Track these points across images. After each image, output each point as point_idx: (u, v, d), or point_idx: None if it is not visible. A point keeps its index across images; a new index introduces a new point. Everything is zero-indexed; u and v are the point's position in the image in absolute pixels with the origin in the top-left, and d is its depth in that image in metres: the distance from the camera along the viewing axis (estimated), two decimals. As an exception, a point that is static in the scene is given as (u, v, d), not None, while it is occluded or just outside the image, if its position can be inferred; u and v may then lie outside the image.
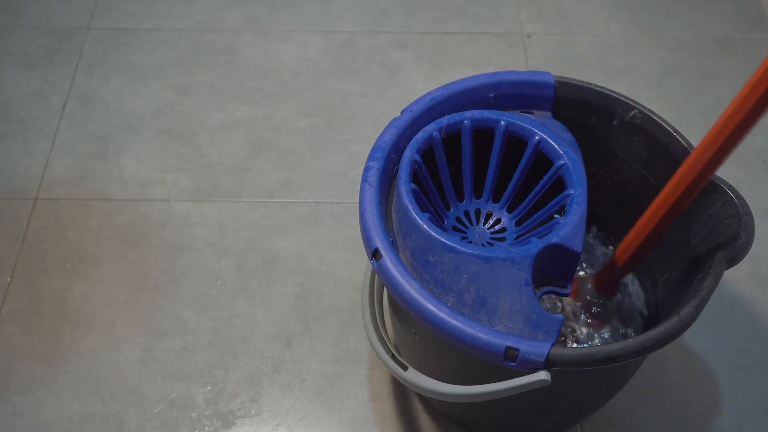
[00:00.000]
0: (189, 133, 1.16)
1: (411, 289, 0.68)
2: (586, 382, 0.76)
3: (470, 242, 0.78)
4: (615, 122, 0.82)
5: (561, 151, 0.77)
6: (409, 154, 0.76)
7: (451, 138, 0.80)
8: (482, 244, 0.79)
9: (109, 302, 0.99)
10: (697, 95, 1.21)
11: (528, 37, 1.29)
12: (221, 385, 0.92)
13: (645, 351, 0.65)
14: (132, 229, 1.05)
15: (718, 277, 0.68)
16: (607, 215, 0.90)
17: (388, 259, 0.70)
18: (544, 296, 0.82)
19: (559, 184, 0.77)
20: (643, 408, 0.91)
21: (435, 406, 0.90)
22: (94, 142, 1.15)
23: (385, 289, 0.82)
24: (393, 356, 0.76)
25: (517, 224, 0.81)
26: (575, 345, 0.85)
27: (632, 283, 0.88)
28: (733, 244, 0.70)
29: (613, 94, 0.81)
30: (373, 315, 0.80)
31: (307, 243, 1.04)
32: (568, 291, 0.74)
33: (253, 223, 1.06)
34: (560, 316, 0.68)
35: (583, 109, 0.82)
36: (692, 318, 0.67)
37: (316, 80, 1.23)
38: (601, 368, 0.66)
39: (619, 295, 0.86)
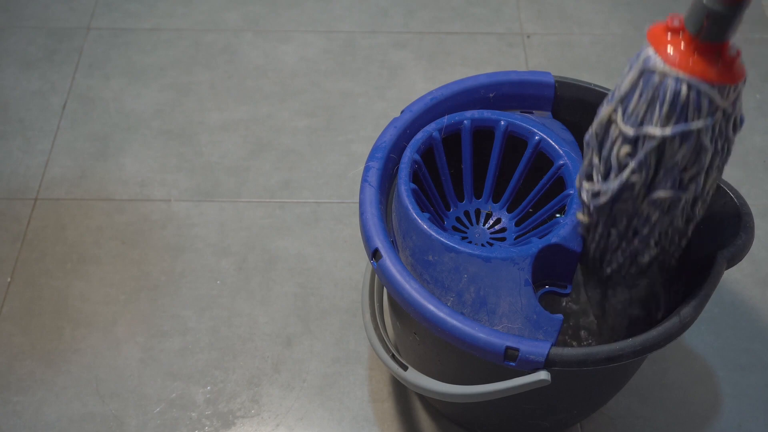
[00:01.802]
0: (189, 133, 1.16)
1: (411, 289, 0.68)
2: (586, 382, 0.76)
3: (470, 242, 0.78)
4: (615, 122, 0.81)
5: (561, 151, 0.77)
6: (409, 154, 0.76)
7: (451, 138, 0.80)
8: (482, 244, 0.79)
9: (109, 302, 0.99)
10: (697, 95, 1.21)
11: (528, 37, 1.29)
12: (221, 385, 0.92)
13: (645, 351, 0.65)
14: (132, 229, 1.05)
15: (718, 277, 0.68)
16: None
17: (388, 259, 0.70)
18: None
19: (559, 184, 0.77)
20: (643, 408, 0.91)
21: (435, 406, 0.90)
22: (94, 142, 1.15)
23: (385, 289, 0.82)
24: (393, 356, 0.76)
25: (517, 224, 0.81)
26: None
27: None
28: (733, 244, 0.70)
29: (613, 94, 0.81)
30: (373, 315, 0.80)
31: (307, 243, 1.04)
32: (568, 291, 0.74)
33: (253, 223, 1.06)
34: (560, 315, 0.68)
35: (583, 109, 0.82)
36: (692, 318, 0.67)
37: (316, 80, 1.23)
38: (601, 368, 0.66)
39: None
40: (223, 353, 0.95)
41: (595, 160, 0.66)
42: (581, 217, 0.70)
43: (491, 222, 0.82)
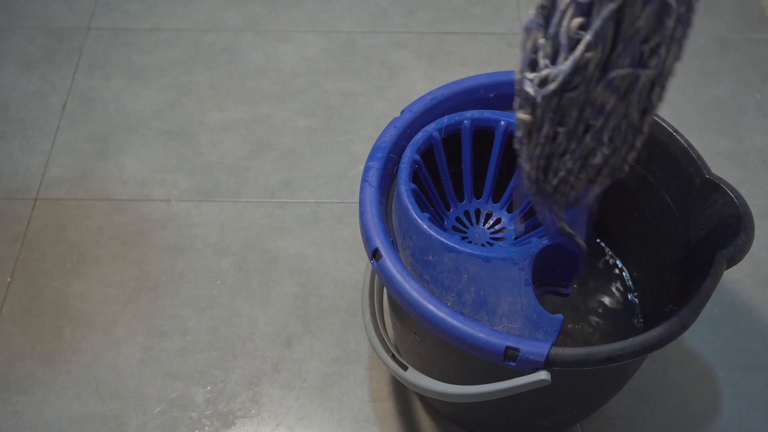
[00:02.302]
0: (189, 133, 1.16)
1: (411, 289, 0.68)
2: (586, 382, 0.76)
3: (470, 242, 0.78)
4: (615, 121, 0.81)
5: (561, 151, 0.77)
6: (409, 154, 0.76)
7: (451, 138, 0.80)
8: (482, 244, 0.79)
9: (109, 302, 0.99)
10: (697, 95, 1.21)
11: (528, 37, 1.29)
12: (221, 385, 0.92)
13: (645, 351, 0.65)
14: (132, 229, 1.05)
15: (718, 277, 0.68)
16: (607, 215, 0.90)
17: (388, 259, 0.70)
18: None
19: (559, 184, 0.77)
20: (643, 408, 0.91)
21: (435, 406, 0.90)
22: (94, 142, 1.15)
23: (385, 289, 0.82)
24: (393, 356, 0.76)
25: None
26: None
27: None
28: (733, 244, 0.70)
29: (613, 94, 0.81)
30: (373, 315, 0.80)
31: (307, 243, 1.04)
32: (568, 291, 0.74)
33: (253, 223, 1.06)
34: (560, 315, 0.68)
35: (583, 109, 0.82)
36: (692, 318, 0.67)
37: (316, 80, 1.23)
38: (601, 368, 0.66)
39: None
40: (223, 353, 0.95)
41: (541, 40, 0.57)
42: (522, 116, 0.61)
43: (491, 222, 0.82)
